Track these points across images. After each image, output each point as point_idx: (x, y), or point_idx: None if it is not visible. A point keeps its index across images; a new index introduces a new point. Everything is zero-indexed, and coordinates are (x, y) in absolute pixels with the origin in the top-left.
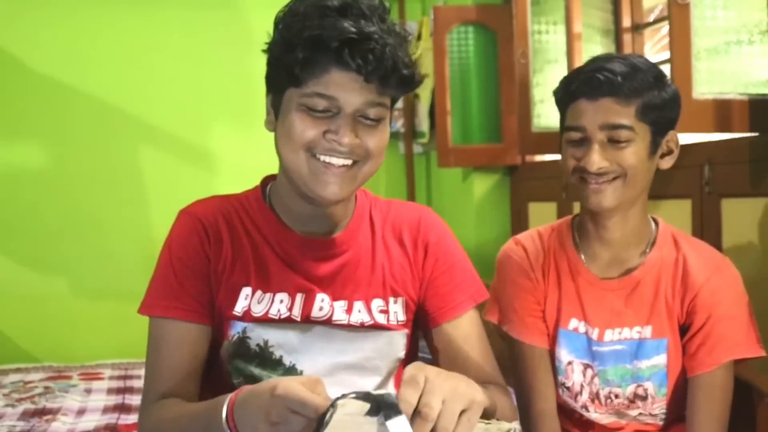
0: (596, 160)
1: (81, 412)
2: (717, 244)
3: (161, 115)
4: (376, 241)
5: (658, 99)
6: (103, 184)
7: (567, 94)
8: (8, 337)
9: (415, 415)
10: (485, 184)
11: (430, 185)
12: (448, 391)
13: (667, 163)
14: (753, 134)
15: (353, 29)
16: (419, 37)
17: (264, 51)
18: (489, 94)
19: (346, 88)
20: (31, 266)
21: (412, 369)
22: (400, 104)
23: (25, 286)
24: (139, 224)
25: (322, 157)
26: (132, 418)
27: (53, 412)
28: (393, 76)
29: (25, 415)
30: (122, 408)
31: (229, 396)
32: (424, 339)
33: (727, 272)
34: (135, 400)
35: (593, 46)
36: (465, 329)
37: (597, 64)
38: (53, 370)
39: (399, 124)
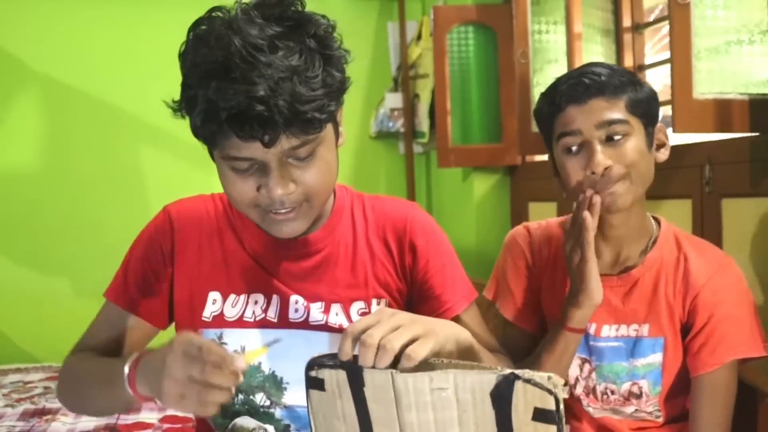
0: (600, 159)
1: None
2: (717, 244)
3: (161, 115)
4: (357, 240)
5: (641, 94)
6: (103, 184)
7: (553, 106)
8: (8, 337)
9: (359, 346)
10: (485, 184)
11: (430, 185)
12: (402, 322)
13: (663, 155)
14: (753, 134)
15: (232, 102)
16: (419, 37)
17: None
18: (489, 94)
19: (256, 148)
20: (31, 266)
21: (360, 319)
22: (400, 104)
23: (25, 286)
24: (139, 224)
25: (268, 210)
26: (132, 419)
27: (53, 412)
28: (296, 124)
29: (25, 415)
30: None
31: (133, 356)
32: None
33: (730, 271)
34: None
35: (593, 46)
36: (464, 326)
37: (576, 72)
38: (53, 370)
39: (399, 124)
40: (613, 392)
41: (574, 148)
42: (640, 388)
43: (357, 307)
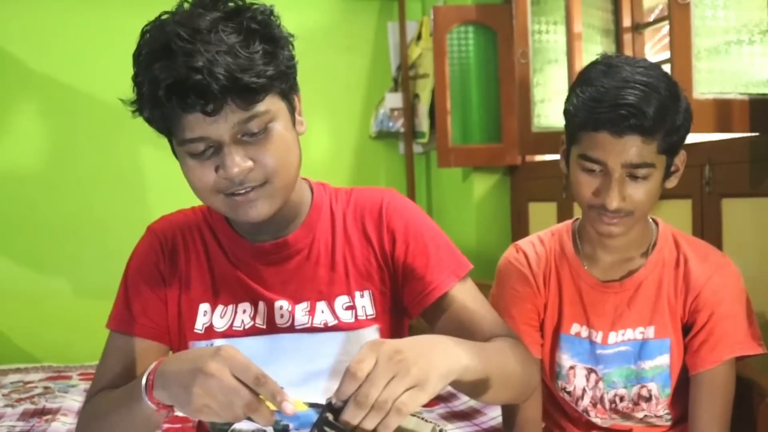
0: (616, 199)
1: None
2: (717, 244)
3: None
4: (336, 235)
5: (678, 121)
6: (103, 184)
7: (589, 121)
8: (8, 337)
9: (351, 402)
10: (485, 184)
11: (430, 185)
12: (399, 369)
13: (672, 183)
14: (753, 134)
15: (165, 74)
16: (419, 37)
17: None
18: (489, 94)
19: (206, 124)
20: (31, 266)
21: (362, 352)
22: (400, 104)
23: (25, 286)
24: (140, 224)
25: (231, 194)
26: None
27: (53, 412)
28: (235, 91)
29: (25, 416)
30: None
31: (153, 363)
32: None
33: (728, 270)
34: None
35: (593, 46)
36: (456, 303)
37: (622, 96)
38: (53, 370)
39: (399, 124)
40: (622, 399)
41: (593, 170)
42: (650, 391)
43: (341, 302)
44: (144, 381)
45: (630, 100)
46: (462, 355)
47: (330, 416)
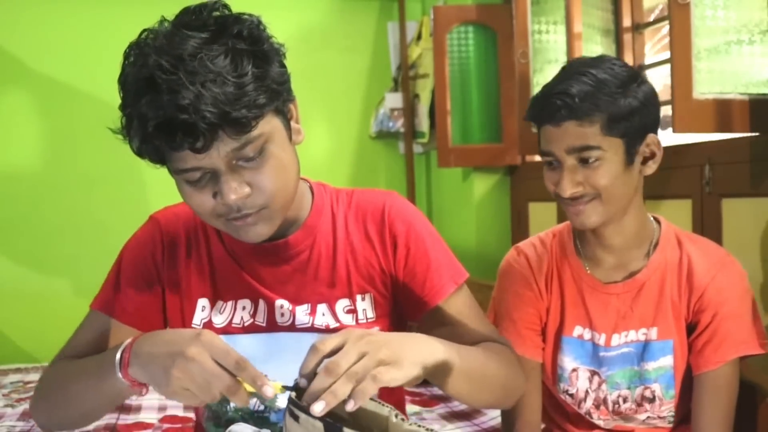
0: (567, 186)
1: None
2: (717, 244)
3: None
4: (337, 236)
5: (625, 109)
6: (103, 184)
7: (534, 119)
8: (8, 337)
9: (320, 371)
10: (485, 184)
11: (430, 185)
12: (369, 348)
13: (650, 169)
14: (753, 134)
15: (159, 113)
16: (419, 37)
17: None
18: (489, 94)
19: (198, 159)
20: (31, 266)
21: (331, 335)
22: (400, 104)
23: (25, 286)
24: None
25: (229, 218)
26: (132, 419)
27: None
28: (226, 126)
29: (25, 415)
30: (121, 408)
31: (127, 340)
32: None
33: (732, 269)
34: (134, 400)
35: (593, 46)
36: (453, 310)
37: (556, 85)
38: None
39: (399, 124)
40: (625, 400)
41: (552, 163)
42: (653, 392)
43: (342, 304)
44: (118, 357)
45: (559, 88)
46: (439, 348)
47: (293, 395)
